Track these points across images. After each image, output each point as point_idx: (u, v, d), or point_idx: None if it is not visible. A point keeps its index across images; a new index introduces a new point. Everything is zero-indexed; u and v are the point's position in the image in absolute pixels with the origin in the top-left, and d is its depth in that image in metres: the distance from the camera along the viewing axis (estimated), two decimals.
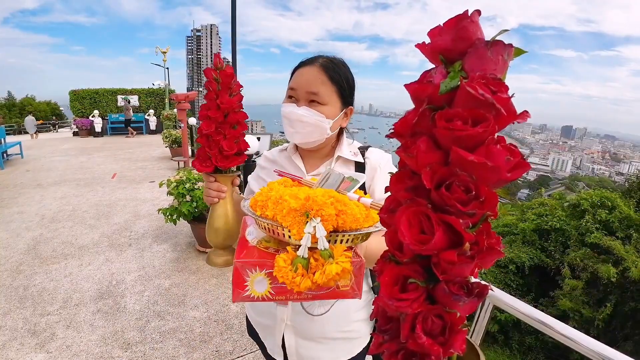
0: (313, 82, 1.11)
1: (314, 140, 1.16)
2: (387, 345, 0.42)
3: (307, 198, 0.76)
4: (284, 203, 0.78)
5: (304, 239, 0.74)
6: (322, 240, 0.74)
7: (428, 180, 0.31)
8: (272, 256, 0.80)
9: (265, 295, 0.81)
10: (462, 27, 0.30)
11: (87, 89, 18.97)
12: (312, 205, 0.75)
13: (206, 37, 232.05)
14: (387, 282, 0.38)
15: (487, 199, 0.30)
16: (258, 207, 0.86)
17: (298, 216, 0.76)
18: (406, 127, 0.34)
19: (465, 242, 0.32)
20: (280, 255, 0.76)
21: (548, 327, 1.50)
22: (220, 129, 1.05)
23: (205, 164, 1.07)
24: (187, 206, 3.97)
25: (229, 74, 1.03)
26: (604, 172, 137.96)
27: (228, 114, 1.05)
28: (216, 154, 1.05)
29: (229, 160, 1.07)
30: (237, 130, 1.07)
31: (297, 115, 1.11)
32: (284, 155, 1.31)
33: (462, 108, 0.29)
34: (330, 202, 0.76)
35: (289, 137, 1.20)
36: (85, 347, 2.79)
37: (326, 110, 1.13)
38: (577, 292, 10.99)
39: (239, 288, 0.80)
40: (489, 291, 0.36)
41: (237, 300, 0.81)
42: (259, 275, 0.80)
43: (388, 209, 0.39)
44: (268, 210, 0.82)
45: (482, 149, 0.30)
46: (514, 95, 0.29)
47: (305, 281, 0.73)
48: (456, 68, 0.31)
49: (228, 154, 1.05)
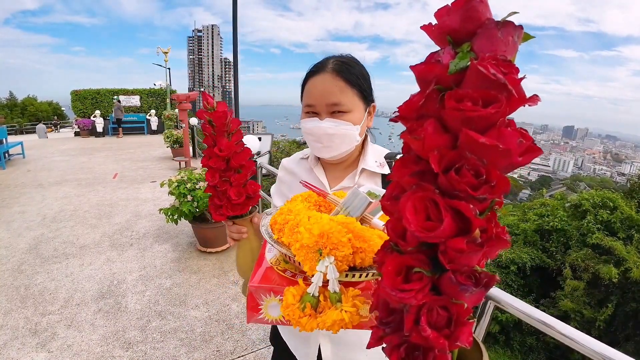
0: (331, 92, 1.03)
1: (344, 151, 1.10)
2: (388, 338, 0.40)
3: (322, 235, 0.70)
4: (298, 235, 0.73)
5: (315, 277, 0.70)
6: (333, 283, 0.70)
7: (436, 164, 0.30)
8: (288, 282, 0.78)
9: (279, 319, 0.78)
10: (472, 7, 0.29)
11: (89, 90, 19.02)
12: (326, 243, 0.70)
13: (207, 37, 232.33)
14: (389, 273, 0.37)
15: (498, 184, 0.29)
16: (276, 229, 0.84)
17: (311, 253, 0.71)
18: (412, 109, 0.33)
19: (474, 229, 0.31)
20: (290, 289, 0.74)
21: (549, 327, 1.49)
22: (225, 177, 0.99)
23: (219, 212, 1.02)
24: (188, 206, 3.96)
25: (223, 114, 0.96)
26: (606, 173, 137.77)
27: (229, 159, 0.98)
28: (226, 204, 1.01)
29: (240, 208, 1.02)
30: (242, 174, 1.01)
31: (323, 129, 1.04)
32: (304, 166, 1.24)
33: (471, 89, 0.28)
34: (346, 239, 0.71)
35: (317, 153, 1.13)
36: (86, 347, 2.79)
37: (351, 117, 1.05)
38: (579, 292, 10.98)
39: (253, 311, 0.79)
40: (495, 281, 0.35)
41: (251, 322, 0.80)
42: (273, 300, 0.78)
43: (391, 196, 0.37)
44: (284, 237, 0.79)
45: (494, 131, 0.28)
46: (525, 76, 0.28)
47: (310, 322, 0.70)
48: (465, 49, 0.30)
49: (238, 202, 1.00)
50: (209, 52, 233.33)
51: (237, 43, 5.82)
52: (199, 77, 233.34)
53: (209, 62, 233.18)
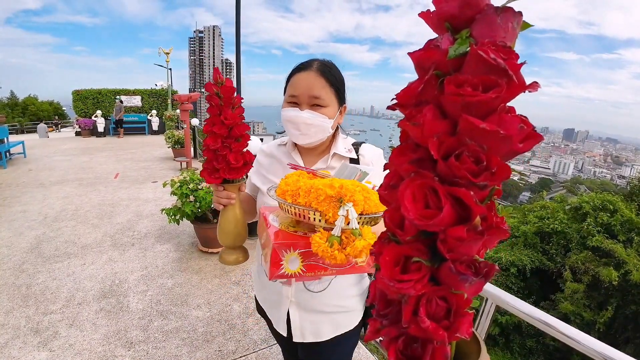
0: (314, 87, 1.19)
1: (317, 140, 1.26)
2: (386, 330, 0.40)
3: (341, 187, 0.86)
4: (319, 191, 0.87)
5: (339, 220, 0.85)
6: (354, 222, 0.85)
7: (435, 151, 0.30)
8: (304, 238, 0.93)
9: (297, 272, 0.93)
10: None
11: (90, 89, 19.01)
12: (345, 192, 0.85)
13: (208, 38, 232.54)
14: (387, 263, 0.36)
15: (498, 170, 0.29)
16: (288, 195, 0.94)
17: (333, 202, 0.86)
18: (410, 96, 0.33)
19: (475, 217, 0.31)
20: (316, 234, 0.87)
21: (550, 327, 1.48)
22: (226, 143, 1.10)
23: (214, 176, 1.14)
24: (190, 206, 3.97)
25: (230, 89, 1.08)
26: (606, 175, 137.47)
27: (232, 128, 1.10)
28: (224, 167, 1.12)
29: (237, 172, 1.14)
30: (241, 143, 1.13)
31: (302, 118, 1.19)
32: (283, 150, 1.40)
33: (471, 74, 0.28)
34: (358, 190, 0.87)
35: (293, 139, 1.28)
36: (88, 346, 2.79)
37: (327, 111, 1.22)
38: (579, 295, 10.98)
39: (275, 267, 0.91)
40: (495, 271, 0.35)
41: (273, 278, 0.93)
42: (292, 255, 0.92)
43: (388, 185, 0.37)
44: (300, 198, 0.91)
45: (494, 117, 0.28)
46: (525, 62, 0.28)
47: (340, 254, 0.83)
48: (464, 35, 0.30)
49: (236, 166, 1.12)
50: (210, 52, 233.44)
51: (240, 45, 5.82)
52: (200, 78, 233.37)
53: (210, 62, 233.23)
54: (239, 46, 5.85)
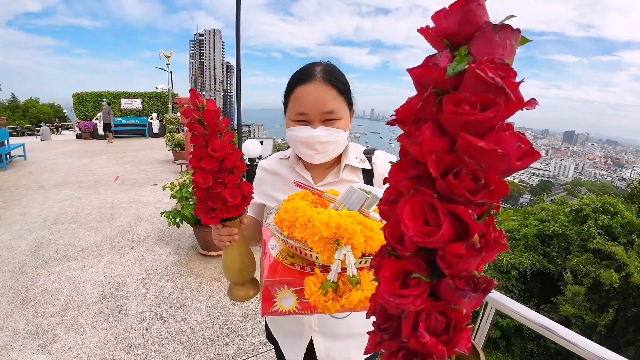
0: (325, 101, 1.06)
1: (334, 156, 1.16)
2: (386, 344, 0.40)
3: (338, 227, 0.77)
4: (315, 229, 0.79)
5: (334, 264, 0.77)
6: (351, 268, 0.77)
7: (434, 168, 0.29)
8: (299, 274, 0.85)
9: (292, 310, 0.85)
10: (469, 10, 0.29)
11: (91, 92, 19.10)
12: (343, 234, 0.77)
13: (209, 41, 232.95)
14: (387, 278, 0.36)
15: (496, 188, 0.29)
16: (285, 226, 0.89)
17: (329, 243, 0.78)
18: (409, 113, 0.33)
19: (473, 234, 0.31)
20: (310, 278, 0.80)
21: (550, 331, 1.48)
22: (219, 179, 0.93)
23: (210, 216, 0.96)
24: (190, 209, 3.97)
25: (214, 113, 0.89)
26: (606, 178, 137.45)
27: (223, 160, 0.92)
28: (221, 206, 0.95)
29: (236, 209, 0.97)
30: (236, 175, 0.95)
31: (317, 137, 1.07)
32: (285, 165, 1.26)
33: (469, 93, 0.28)
34: (359, 229, 0.78)
35: (307, 159, 1.15)
36: (87, 349, 2.78)
37: (341, 124, 1.10)
38: (579, 297, 10.96)
39: (268, 304, 0.85)
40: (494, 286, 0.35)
41: (265, 315, 0.86)
42: (286, 292, 0.84)
43: (388, 200, 0.37)
44: (296, 232, 0.84)
45: (492, 135, 0.28)
46: (523, 80, 0.28)
47: (335, 305, 0.77)
48: (462, 52, 0.30)
49: (234, 203, 0.95)
50: (210, 55, 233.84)
51: (240, 48, 5.83)
52: (200, 81, 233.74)
53: (210, 65, 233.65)
54: (239, 49, 5.85)
